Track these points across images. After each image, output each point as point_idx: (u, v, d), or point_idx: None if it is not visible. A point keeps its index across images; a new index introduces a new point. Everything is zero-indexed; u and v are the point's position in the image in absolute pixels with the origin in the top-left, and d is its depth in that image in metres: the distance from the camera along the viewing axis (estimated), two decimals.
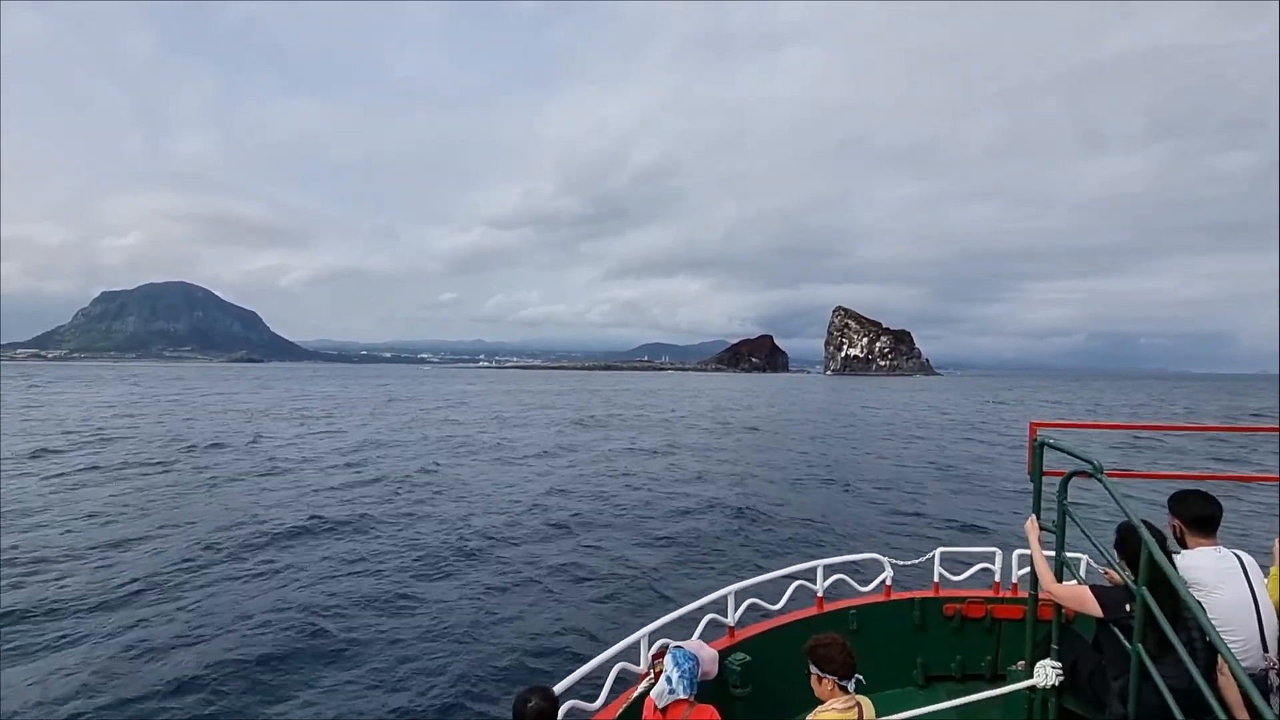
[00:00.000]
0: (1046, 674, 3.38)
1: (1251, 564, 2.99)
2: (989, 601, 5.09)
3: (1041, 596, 3.46)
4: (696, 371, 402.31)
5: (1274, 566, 3.28)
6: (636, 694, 3.72)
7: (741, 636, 4.55)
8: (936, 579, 5.23)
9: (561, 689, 3.25)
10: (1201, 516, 3.09)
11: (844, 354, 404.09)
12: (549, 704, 2.76)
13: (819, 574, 5.08)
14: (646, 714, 3.24)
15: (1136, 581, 2.74)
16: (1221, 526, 3.13)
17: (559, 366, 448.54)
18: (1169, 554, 2.85)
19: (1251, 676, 2.37)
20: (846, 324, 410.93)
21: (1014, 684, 3.56)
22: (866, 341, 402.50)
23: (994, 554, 5.40)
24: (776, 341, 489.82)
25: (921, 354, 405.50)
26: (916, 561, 5.53)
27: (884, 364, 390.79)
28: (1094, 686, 3.32)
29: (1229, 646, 2.17)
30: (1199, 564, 2.98)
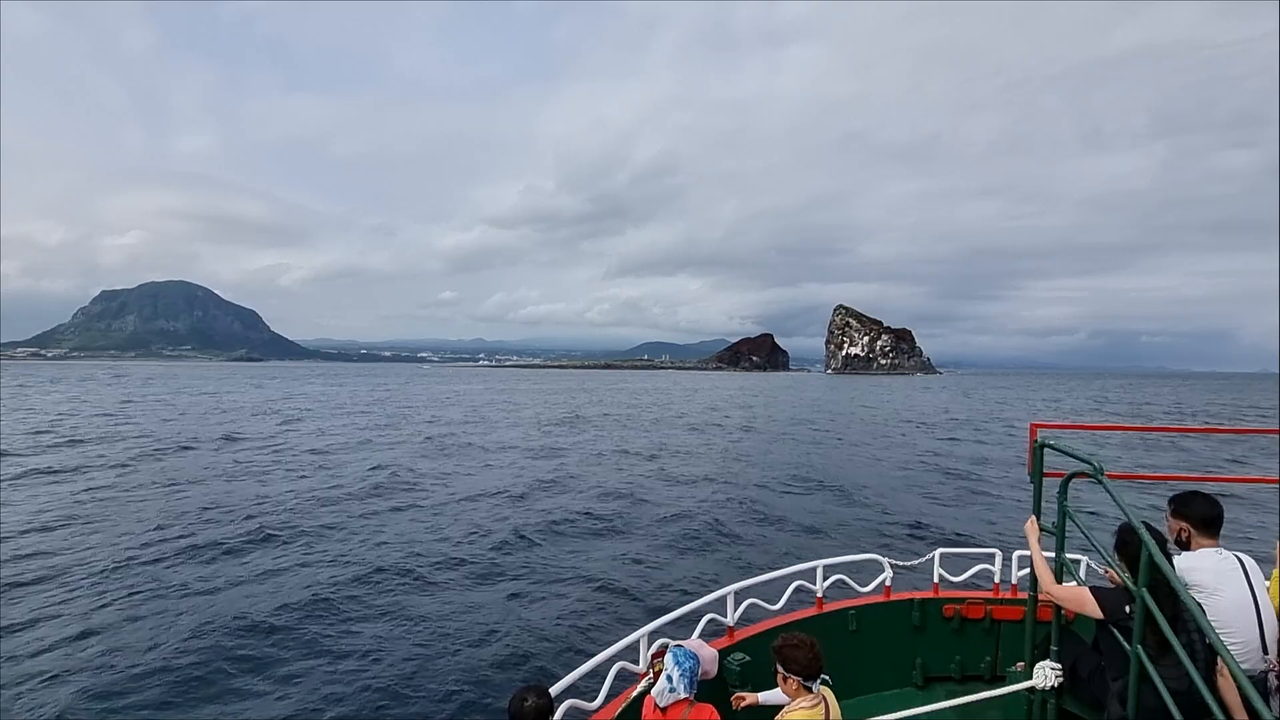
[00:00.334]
0: (1046, 675, 3.39)
1: (1252, 566, 2.99)
2: (988, 602, 5.10)
3: (1041, 597, 3.46)
4: (696, 370, 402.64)
5: (1275, 569, 3.28)
6: (636, 693, 3.72)
7: (741, 636, 4.55)
8: (936, 580, 5.24)
9: (560, 688, 3.26)
10: (1209, 517, 3.11)
11: (845, 353, 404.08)
12: (545, 702, 2.77)
13: (819, 574, 5.08)
14: (646, 713, 3.24)
15: (1136, 583, 2.74)
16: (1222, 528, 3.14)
17: (559, 365, 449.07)
18: (1169, 556, 2.85)
19: (1251, 678, 2.38)
20: (847, 323, 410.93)
21: (1013, 685, 3.56)
22: (867, 340, 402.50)
23: (994, 555, 5.42)
24: (777, 340, 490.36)
25: (922, 353, 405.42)
26: (916, 562, 5.55)
27: (885, 363, 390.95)
28: (1093, 688, 3.32)
29: (1229, 648, 2.17)
30: (1199, 565, 2.98)
